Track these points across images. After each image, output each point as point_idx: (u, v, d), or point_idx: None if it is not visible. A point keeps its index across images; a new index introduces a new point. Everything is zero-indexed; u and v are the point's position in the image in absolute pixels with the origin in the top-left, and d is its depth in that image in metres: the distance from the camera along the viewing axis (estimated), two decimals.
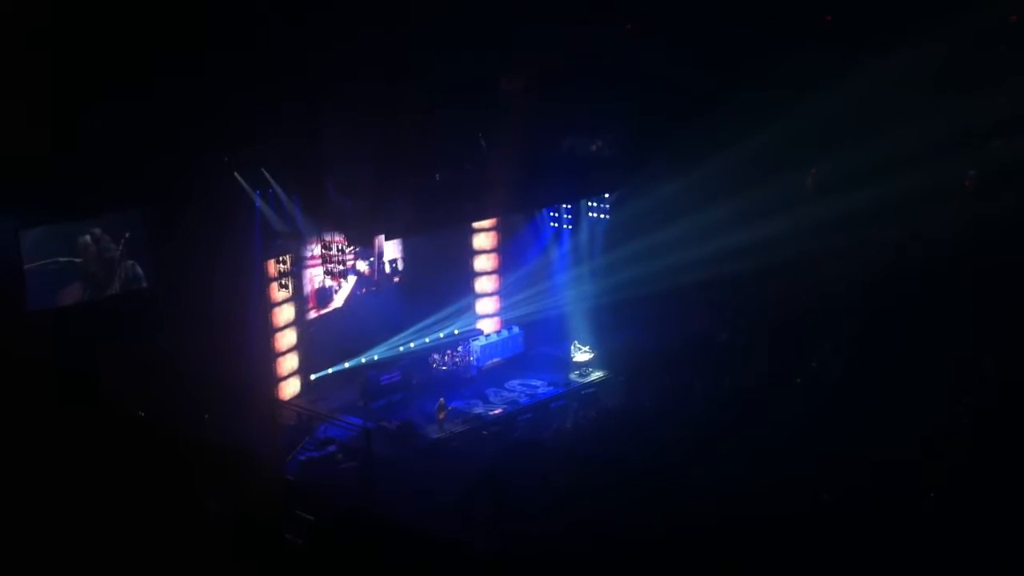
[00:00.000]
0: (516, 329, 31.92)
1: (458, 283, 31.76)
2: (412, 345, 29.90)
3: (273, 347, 26.73)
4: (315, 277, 27.87)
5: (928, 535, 17.29)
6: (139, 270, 23.54)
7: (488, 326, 32.19)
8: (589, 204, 31.57)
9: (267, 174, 25.14)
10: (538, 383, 29.90)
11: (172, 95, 21.73)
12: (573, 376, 30.11)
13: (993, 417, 21.15)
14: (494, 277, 32.29)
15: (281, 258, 26.26)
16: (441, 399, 27.31)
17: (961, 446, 20.36)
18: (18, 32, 19.70)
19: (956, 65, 26.15)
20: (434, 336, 30.50)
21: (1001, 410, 21.32)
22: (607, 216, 31.28)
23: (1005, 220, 25.69)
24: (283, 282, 26.36)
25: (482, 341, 31.03)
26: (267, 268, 26.21)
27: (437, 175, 27.71)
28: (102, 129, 21.17)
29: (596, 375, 30.09)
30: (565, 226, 32.26)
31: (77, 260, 22.57)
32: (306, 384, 27.76)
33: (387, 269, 29.35)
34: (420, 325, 30.11)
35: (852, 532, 17.79)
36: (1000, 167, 26.45)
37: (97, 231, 22.83)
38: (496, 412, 27.89)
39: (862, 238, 26.87)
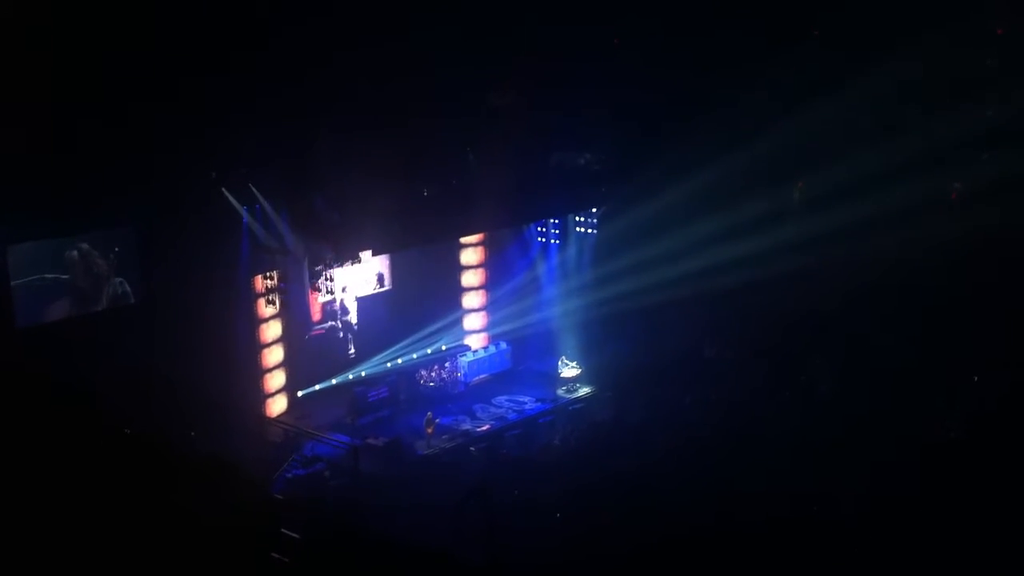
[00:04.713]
0: (504, 345, 31.88)
1: (445, 298, 31.71)
2: (400, 361, 29.83)
3: (260, 364, 26.61)
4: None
5: (920, 546, 17.37)
6: (127, 287, 23.40)
7: (475, 342, 32.16)
8: (576, 219, 31.61)
9: (255, 190, 25.07)
10: (526, 399, 29.81)
11: (160, 112, 21.67)
12: (561, 392, 30.05)
13: (986, 426, 21.31)
14: (481, 292, 32.28)
15: (268, 274, 26.14)
16: (429, 413, 27.22)
17: (953, 456, 20.47)
18: (10, 47, 19.68)
19: (943, 77, 26.31)
20: (421, 352, 30.44)
21: (994, 419, 21.48)
22: (594, 231, 31.31)
23: (992, 232, 25.85)
24: (270, 298, 26.26)
25: (469, 357, 30.97)
26: (254, 284, 26.11)
27: (425, 190, 27.71)
28: (90, 145, 21.06)
29: (584, 391, 30.05)
30: (552, 241, 32.29)
31: (64, 276, 22.43)
32: (293, 401, 27.63)
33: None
34: (407, 341, 30.06)
35: (842, 542, 17.86)
36: (987, 179, 26.61)
37: (84, 246, 22.66)
38: (484, 428, 27.79)
39: (850, 251, 26.96)
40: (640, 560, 17.59)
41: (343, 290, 28.03)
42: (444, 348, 31.12)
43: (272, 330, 26.89)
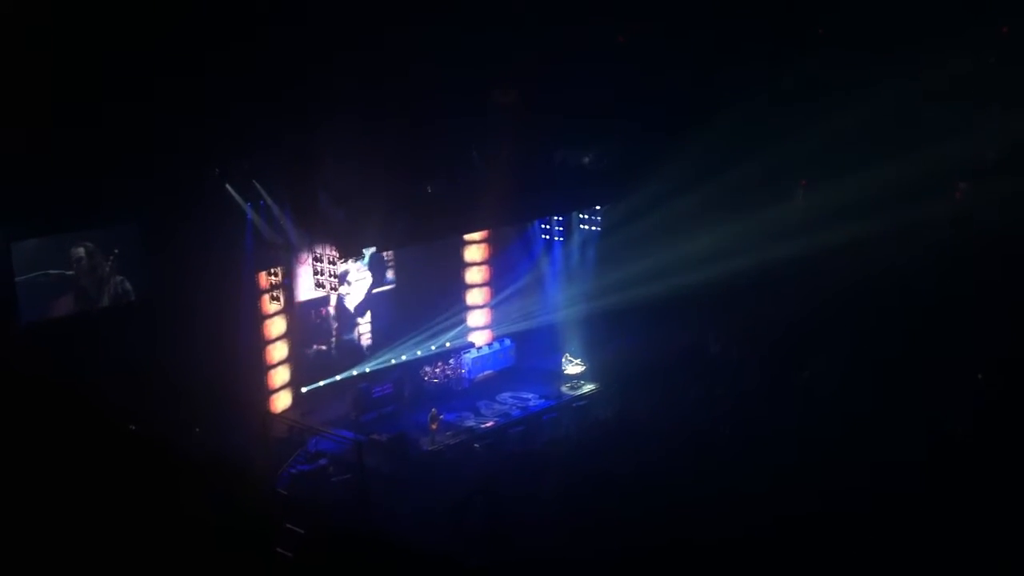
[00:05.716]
0: (507, 341, 31.89)
1: (450, 295, 31.72)
2: (404, 357, 29.86)
3: (264, 360, 26.63)
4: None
5: (926, 543, 17.35)
6: (128, 286, 23.46)
7: (479, 338, 32.17)
8: (581, 216, 31.58)
9: (258, 186, 25.09)
10: (530, 396, 29.82)
11: (163, 109, 21.70)
12: (565, 389, 30.03)
13: (991, 423, 21.29)
14: (485, 289, 32.29)
15: (272, 270, 26.17)
16: (433, 409, 27.24)
17: (958, 453, 20.46)
18: (11, 44, 19.72)
19: (947, 77, 26.27)
20: (426, 348, 30.46)
21: (999, 415, 21.46)
22: (599, 228, 31.29)
23: (994, 230, 25.84)
24: (274, 294, 26.30)
25: (473, 353, 30.98)
26: (258, 280, 26.12)
27: (429, 187, 27.71)
28: (92, 143, 21.10)
29: (588, 388, 30.03)
30: (557, 238, 32.26)
31: (68, 272, 22.48)
32: (297, 397, 27.66)
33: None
34: (411, 337, 30.09)
35: (846, 541, 17.84)
36: (993, 180, 26.59)
37: (90, 245, 22.77)
38: (488, 425, 27.82)
39: (853, 248, 26.93)
40: (642, 558, 17.59)
41: (343, 280, 27.79)
42: (448, 345, 31.14)
43: (276, 326, 26.91)
